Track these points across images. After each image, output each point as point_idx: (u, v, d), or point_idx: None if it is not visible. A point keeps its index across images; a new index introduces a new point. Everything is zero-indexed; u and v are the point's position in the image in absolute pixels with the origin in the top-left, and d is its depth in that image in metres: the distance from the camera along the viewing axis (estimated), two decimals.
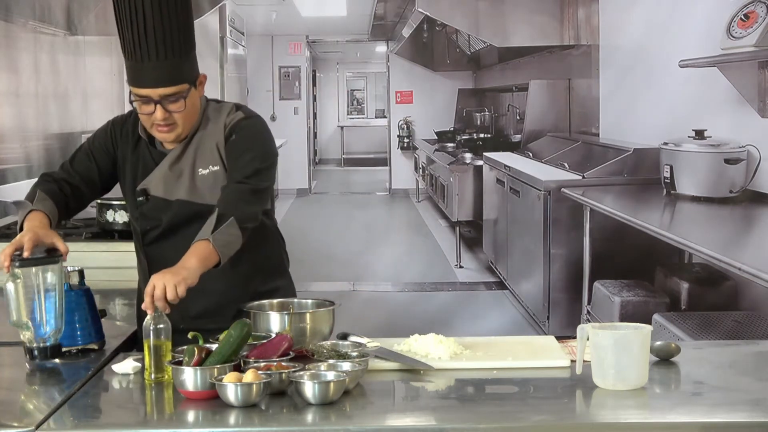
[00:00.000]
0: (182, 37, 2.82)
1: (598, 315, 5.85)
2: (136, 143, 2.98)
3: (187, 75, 2.84)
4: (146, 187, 2.94)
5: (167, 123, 2.84)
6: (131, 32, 2.76)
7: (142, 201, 2.94)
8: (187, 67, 2.84)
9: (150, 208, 2.95)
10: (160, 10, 2.76)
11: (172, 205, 2.93)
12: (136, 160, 2.97)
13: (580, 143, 7.37)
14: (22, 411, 2.32)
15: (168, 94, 2.80)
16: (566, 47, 8.02)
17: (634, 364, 2.38)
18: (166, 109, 2.81)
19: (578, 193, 6.12)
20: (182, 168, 2.93)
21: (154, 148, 2.96)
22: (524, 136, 8.52)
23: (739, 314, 5.11)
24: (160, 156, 2.95)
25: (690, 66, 5.59)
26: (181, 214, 2.93)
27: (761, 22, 4.97)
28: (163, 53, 2.77)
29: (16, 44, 5.76)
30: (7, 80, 5.68)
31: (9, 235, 4.54)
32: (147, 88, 2.80)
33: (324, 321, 2.73)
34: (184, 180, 2.93)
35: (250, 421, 2.20)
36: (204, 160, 2.92)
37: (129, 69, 2.83)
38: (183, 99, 2.82)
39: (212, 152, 2.92)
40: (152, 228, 2.96)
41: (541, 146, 8.02)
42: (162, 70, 2.78)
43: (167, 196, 2.93)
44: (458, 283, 8.05)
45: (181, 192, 2.93)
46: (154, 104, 2.80)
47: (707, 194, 5.50)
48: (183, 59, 2.82)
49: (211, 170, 2.92)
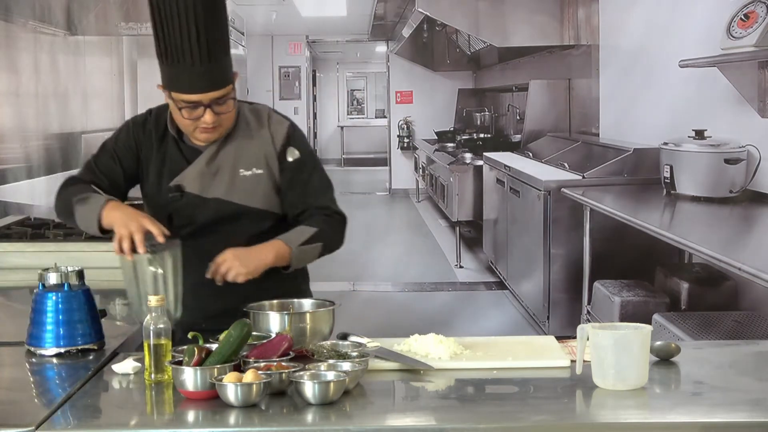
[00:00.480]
0: (225, 36, 2.79)
1: (598, 315, 5.85)
2: (161, 141, 2.94)
3: (230, 75, 2.83)
4: (181, 183, 2.91)
5: (215, 125, 2.82)
6: (178, 36, 2.70)
7: (176, 197, 2.91)
8: (229, 67, 2.83)
9: (184, 205, 2.92)
10: (211, 12, 2.72)
11: (208, 203, 2.91)
12: (162, 158, 2.93)
13: (580, 143, 7.37)
14: (22, 411, 2.31)
15: (217, 97, 2.78)
16: (566, 47, 8.02)
17: (634, 364, 2.38)
18: (215, 112, 2.79)
19: (578, 193, 6.12)
20: (221, 166, 2.91)
21: (184, 143, 2.93)
22: (524, 136, 8.51)
23: (739, 314, 5.11)
24: (192, 152, 2.92)
25: (690, 66, 5.59)
26: (217, 213, 2.92)
27: (761, 22, 4.97)
28: (213, 56, 2.73)
29: (16, 44, 5.77)
30: (7, 80, 5.69)
31: (9, 235, 4.56)
32: (198, 93, 2.76)
33: (324, 321, 2.73)
34: (222, 178, 2.91)
35: (250, 421, 2.20)
36: (247, 162, 2.91)
37: (170, 75, 2.77)
38: (231, 99, 2.82)
39: (257, 156, 2.92)
40: (186, 225, 2.92)
41: (541, 146, 8.02)
42: (211, 73, 2.75)
43: (203, 193, 2.91)
44: (458, 283, 8.05)
45: (219, 191, 2.91)
46: (204, 108, 2.78)
47: (707, 194, 5.50)
48: (227, 59, 2.80)
49: (254, 173, 2.92)
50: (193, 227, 2.92)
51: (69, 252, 4.21)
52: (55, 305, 2.71)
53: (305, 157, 2.96)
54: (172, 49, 2.72)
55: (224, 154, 2.91)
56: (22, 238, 4.49)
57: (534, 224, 6.59)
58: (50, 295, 2.72)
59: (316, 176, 2.97)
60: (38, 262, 3.97)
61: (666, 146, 5.85)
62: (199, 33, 2.70)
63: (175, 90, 2.78)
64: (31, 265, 4.05)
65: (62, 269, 2.78)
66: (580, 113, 7.89)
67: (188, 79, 2.74)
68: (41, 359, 2.68)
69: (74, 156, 6.26)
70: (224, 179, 2.91)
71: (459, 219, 8.67)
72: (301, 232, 2.87)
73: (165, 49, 2.74)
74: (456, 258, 8.65)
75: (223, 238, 2.87)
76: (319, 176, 2.98)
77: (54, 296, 2.72)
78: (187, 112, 2.79)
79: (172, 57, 2.73)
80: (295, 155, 2.94)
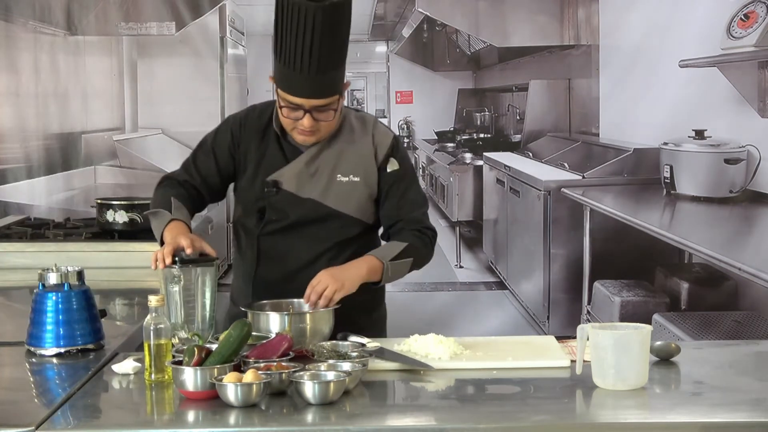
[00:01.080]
0: (342, 51, 2.81)
1: (598, 315, 5.85)
2: (263, 136, 2.97)
3: (339, 86, 2.84)
4: (278, 179, 2.94)
5: (312, 129, 2.85)
6: (293, 43, 2.73)
7: (272, 192, 2.93)
8: (340, 78, 2.84)
9: (278, 200, 2.95)
10: (328, 27, 2.72)
11: (303, 202, 2.95)
12: (263, 153, 2.96)
13: (580, 143, 7.36)
14: (22, 411, 2.31)
15: (320, 105, 2.81)
16: (566, 47, 8.01)
17: (634, 364, 2.38)
18: (314, 119, 2.82)
19: (578, 193, 6.12)
20: (319, 168, 2.94)
21: (287, 142, 2.96)
22: (524, 136, 8.50)
23: (739, 314, 5.12)
24: (293, 150, 2.95)
25: (690, 66, 5.59)
26: (310, 214, 2.95)
27: (761, 22, 4.97)
28: (324, 68, 2.75)
29: (16, 44, 5.77)
30: (7, 80, 5.69)
31: (9, 235, 4.56)
32: (301, 98, 2.79)
33: (324, 321, 2.73)
34: (319, 181, 2.94)
35: (250, 421, 2.20)
36: (346, 168, 2.95)
37: (281, 74, 2.81)
38: (333, 110, 2.85)
39: (357, 164, 2.96)
40: (277, 220, 2.96)
41: (541, 146, 8.01)
42: (318, 83, 2.78)
43: (299, 192, 2.94)
44: (458, 283, 8.03)
45: (315, 192, 2.94)
46: (304, 112, 2.81)
47: (707, 194, 5.50)
48: (338, 72, 2.82)
49: (351, 179, 2.96)
50: (283, 224, 2.97)
51: (69, 252, 4.21)
52: (55, 305, 2.71)
53: (405, 170, 3.01)
54: (286, 53, 2.75)
55: (325, 156, 2.95)
56: (22, 238, 4.49)
57: (534, 224, 6.59)
58: (50, 295, 2.72)
59: (412, 190, 3.02)
60: (38, 262, 3.97)
61: (666, 146, 5.85)
62: (312, 45, 2.72)
63: (281, 88, 2.83)
64: (31, 265, 4.06)
65: (62, 269, 2.78)
66: (580, 113, 7.88)
67: (295, 83, 2.78)
68: (41, 359, 2.68)
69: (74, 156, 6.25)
70: (321, 182, 2.95)
71: (459, 219, 8.65)
72: (392, 247, 2.92)
73: (280, 50, 2.78)
74: (456, 258, 8.63)
75: (310, 239, 2.95)
76: (416, 190, 3.04)
77: (54, 296, 2.72)
78: (287, 111, 2.84)
79: (285, 59, 2.76)
80: (395, 167, 2.98)
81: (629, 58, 6.71)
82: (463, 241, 8.83)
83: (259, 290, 2.95)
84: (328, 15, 2.72)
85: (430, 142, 10.40)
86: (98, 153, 6.41)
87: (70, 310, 2.72)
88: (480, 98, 10.56)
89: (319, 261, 2.96)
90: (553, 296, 6.45)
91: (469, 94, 10.67)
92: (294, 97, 2.80)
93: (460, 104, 10.64)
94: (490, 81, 10.27)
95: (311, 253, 2.98)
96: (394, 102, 11.14)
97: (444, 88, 10.78)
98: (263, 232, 2.99)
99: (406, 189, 3.00)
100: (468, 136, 9.79)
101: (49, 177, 6.03)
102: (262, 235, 2.99)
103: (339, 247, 2.98)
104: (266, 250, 2.98)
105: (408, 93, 11.05)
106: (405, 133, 11.12)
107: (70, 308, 2.71)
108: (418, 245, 2.95)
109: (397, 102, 11.12)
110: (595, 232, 6.02)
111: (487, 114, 10.09)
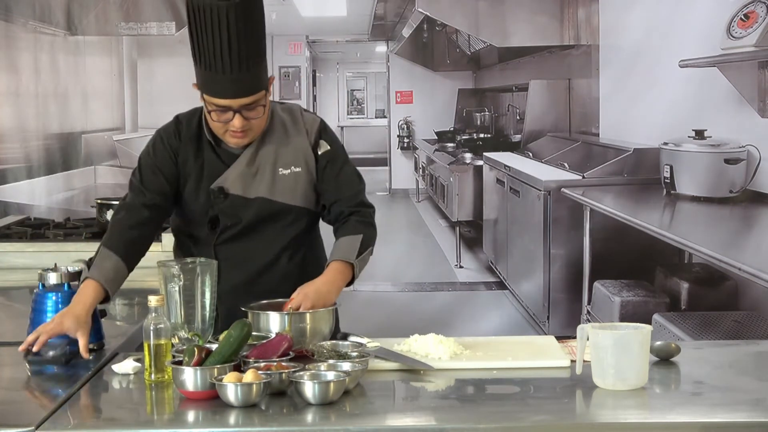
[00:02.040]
0: (260, 45, 2.82)
1: (598, 315, 5.85)
2: (197, 146, 2.96)
3: (263, 82, 2.85)
4: (223, 185, 2.94)
5: (243, 129, 2.85)
6: (211, 44, 2.73)
7: (220, 199, 2.93)
8: (263, 73, 2.85)
9: (228, 206, 2.95)
10: (243, 23, 2.73)
11: (251, 202, 2.95)
12: (201, 163, 2.96)
13: (580, 143, 7.36)
14: (22, 411, 2.32)
15: (247, 104, 2.81)
16: (566, 47, 8.02)
17: (633, 364, 2.38)
18: (245, 118, 2.83)
19: (578, 193, 6.12)
20: (260, 166, 2.95)
21: (221, 148, 2.96)
22: (524, 136, 8.51)
23: (739, 314, 5.12)
24: (230, 156, 2.95)
25: (690, 66, 5.59)
26: (261, 213, 2.96)
27: (761, 22, 4.97)
28: (245, 65, 2.76)
29: (16, 44, 5.77)
30: (7, 80, 5.69)
31: (9, 235, 4.56)
32: (227, 98, 2.79)
33: (324, 321, 2.73)
34: (263, 178, 2.95)
35: (250, 421, 2.20)
36: (285, 161, 2.96)
37: (204, 78, 2.81)
38: (261, 106, 2.85)
39: (295, 155, 2.97)
40: (231, 225, 2.97)
41: (541, 146, 8.02)
42: (242, 81, 2.78)
43: (246, 194, 2.95)
44: (458, 283, 8.04)
45: (261, 190, 2.95)
46: (233, 113, 2.81)
47: (707, 194, 5.50)
48: (261, 66, 2.82)
49: (292, 171, 2.97)
50: (237, 229, 2.97)
51: (69, 252, 4.21)
52: (55, 305, 2.71)
53: (336, 150, 3.03)
54: (205, 55, 2.76)
55: (263, 154, 2.95)
56: (22, 238, 4.49)
57: (534, 224, 6.59)
58: (50, 295, 2.72)
59: (346, 169, 3.03)
60: (38, 262, 3.97)
61: (666, 146, 5.85)
62: (230, 42, 2.72)
63: (206, 93, 2.83)
64: (31, 265, 4.06)
65: (62, 269, 2.78)
66: (580, 113, 7.88)
67: (219, 85, 2.78)
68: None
69: (74, 156, 6.26)
70: (265, 178, 2.95)
71: (459, 219, 8.66)
72: (349, 244, 2.92)
73: (199, 53, 2.78)
74: (456, 258, 8.65)
75: (266, 240, 2.96)
76: (350, 169, 3.04)
77: (54, 296, 2.72)
78: (216, 115, 2.83)
79: (205, 62, 2.76)
80: (326, 148, 3.00)
81: (629, 58, 6.71)
82: (463, 241, 8.83)
83: (223, 298, 2.86)
84: (241, 12, 2.72)
85: (430, 142, 10.41)
86: (98, 153, 6.42)
87: None
88: (480, 98, 10.57)
89: (280, 260, 3.00)
90: (553, 296, 6.45)
91: (469, 94, 10.69)
92: (221, 99, 2.79)
93: (460, 104, 10.66)
94: (490, 81, 10.28)
95: (270, 254, 2.99)
96: (394, 102, 11.15)
97: (444, 88, 10.79)
98: (219, 240, 2.99)
99: (340, 169, 3.01)
100: (468, 136, 9.80)
101: (49, 177, 6.03)
102: (218, 244, 2.99)
103: (295, 243, 3.01)
104: (225, 259, 2.95)
105: (408, 93, 11.06)
106: (405, 133, 11.13)
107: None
108: (367, 231, 2.97)
109: (397, 102, 11.13)
110: (595, 232, 6.03)
111: (487, 114, 10.10)
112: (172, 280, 2.68)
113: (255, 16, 2.78)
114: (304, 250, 3.04)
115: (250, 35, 2.76)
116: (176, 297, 2.69)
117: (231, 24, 2.71)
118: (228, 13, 2.70)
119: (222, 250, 2.98)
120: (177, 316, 2.68)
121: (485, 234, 8.25)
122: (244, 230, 2.97)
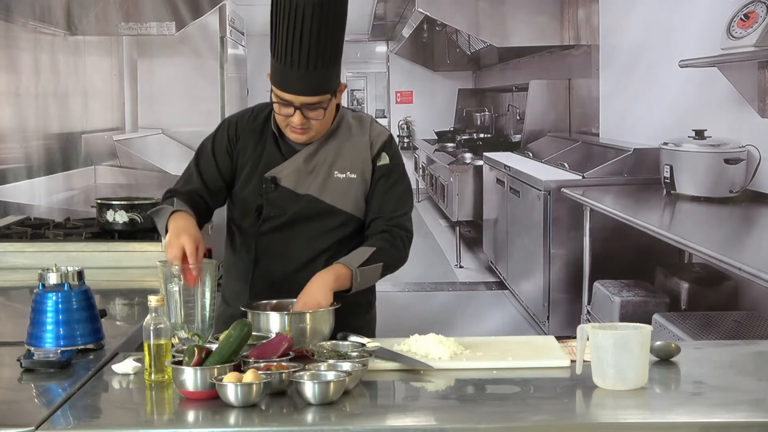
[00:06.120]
0: (335, 48, 2.85)
1: (598, 315, 5.85)
2: (260, 136, 2.99)
3: (331, 85, 2.87)
4: (276, 176, 2.96)
5: (302, 127, 2.87)
6: (287, 38, 2.76)
7: (270, 188, 2.95)
8: (333, 77, 2.88)
9: (277, 197, 2.97)
10: (320, 21, 2.76)
11: (300, 198, 2.97)
12: (261, 152, 2.98)
13: (580, 143, 7.36)
14: (22, 411, 2.32)
15: (310, 103, 2.83)
16: (566, 47, 8.01)
17: (633, 364, 2.38)
18: (304, 116, 2.85)
19: (578, 193, 6.12)
20: (317, 165, 2.97)
21: (283, 141, 2.98)
22: (524, 136, 8.50)
23: (739, 314, 5.12)
24: (290, 149, 2.98)
25: (690, 66, 5.59)
26: (307, 210, 2.97)
27: (761, 22, 4.98)
28: (314, 64, 2.78)
29: (16, 44, 5.78)
30: (7, 80, 5.69)
31: (9, 235, 4.56)
32: (291, 94, 2.82)
33: (324, 321, 2.73)
34: (317, 177, 2.96)
35: (250, 421, 2.20)
36: (343, 165, 2.97)
37: (275, 69, 2.86)
38: (323, 109, 2.87)
39: (354, 161, 2.98)
40: (274, 216, 2.98)
41: (541, 146, 8.01)
42: (310, 79, 2.80)
43: (296, 188, 2.96)
44: (458, 283, 8.03)
45: (313, 188, 2.97)
46: (294, 109, 2.83)
47: (707, 194, 5.50)
48: (331, 70, 2.85)
49: (347, 176, 2.98)
50: (280, 221, 2.98)
51: (69, 252, 4.22)
52: (55, 305, 2.71)
53: (394, 166, 3.03)
54: (279, 47, 2.79)
55: (322, 153, 2.97)
56: (22, 238, 4.49)
57: (534, 224, 6.59)
58: (50, 295, 2.72)
59: (398, 188, 3.02)
60: (38, 262, 3.98)
61: (666, 146, 5.85)
62: (302, 39, 2.75)
63: (274, 84, 2.87)
64: (31, 265, 4.06)
65: (62, 269, 2.78)
66: (580, 113, 7.88)
67: (286, 78, 2.81)
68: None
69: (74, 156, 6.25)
70: (319, 178, 2.97)
71: (459, 219, 8.66)
72: (360, 253, 2.91)
73: (274, 44, 2.83)
74: (456, 258, 8.64)
75: (308, 238, 2.97)
76: (402, 189, 3.03)
77: (54, 296, 2.71)
78: (279, 108, 2.87)
79: (279, 55, 2.80)
80: (385, 161, 3.01)
81: (629, 58, 6.71)
82: (463, 241, 8.83)
83: (257, 291, 2.95)
84: (321, 10, 2.75)
85: (430, 142, 10.40)
86: (98, 153, 6.41)
87: (70, 310, 2.71)
88: (480, 98, 10.56)
89: (318, 260, 2.97)
90: (553, 296, 6.45)
91: (469, 94, 10.67)
92: (284, 93, 2.83)
93: (460, 104, 10.64)
94: (490, 81, 10.27)
95: (309, 253, 2.98)
96: (394, 102, 11.14)
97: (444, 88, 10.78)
98: (261, 231, 2.99)
99: (392, 186, 3.01)
100: (468, 136, 9.79)
101: (49, 177, 6.03)
102: (260, 235, 2.99)
103: (336, 247, 2.99)
104: (264, 251, 2.99)
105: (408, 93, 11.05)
106: (405, 133, 11.12)
107: (70, 308, 2.71)
108: (387, 248, 2.94)
109: (397, 102, 11.12)
110: (595, 232, 6.02)
111: (487, 114, 10.09)
112: (172, 280, 2.68)
113: (334, 19, 2.80)
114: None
115: (325, 36, 2.79)
116: (176, 297, 2.69)
117: (307, 21, 2.74)
118: (306, 9, 2.74)
119: (262, 241, 3.00)
120: (177, 316, 2.68)
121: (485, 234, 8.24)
122: (287, 224, 2.98)
